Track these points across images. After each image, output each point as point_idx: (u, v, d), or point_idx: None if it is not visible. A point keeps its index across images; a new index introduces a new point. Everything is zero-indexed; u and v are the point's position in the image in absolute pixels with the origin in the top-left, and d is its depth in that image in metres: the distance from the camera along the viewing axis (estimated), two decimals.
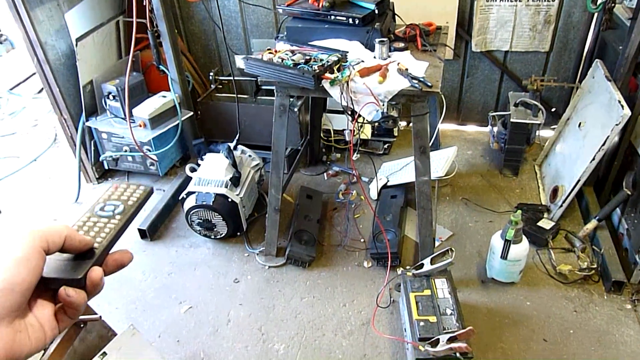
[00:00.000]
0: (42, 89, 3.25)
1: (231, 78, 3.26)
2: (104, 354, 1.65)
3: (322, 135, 3.38)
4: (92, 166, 3.30)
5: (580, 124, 2.79)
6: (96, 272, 0.55)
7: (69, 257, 0.56)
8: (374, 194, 3.00)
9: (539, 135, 3.26)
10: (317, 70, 1.97)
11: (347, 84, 1.99)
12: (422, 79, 1.97)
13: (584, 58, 3.17)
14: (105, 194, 0.67)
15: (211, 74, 3.40)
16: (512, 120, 2.93)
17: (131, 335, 1.76)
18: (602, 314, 2.28)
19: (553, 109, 3.39)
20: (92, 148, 3.23)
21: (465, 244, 2.69)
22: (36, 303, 0.52)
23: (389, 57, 2.20)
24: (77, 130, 3.10)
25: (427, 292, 2.12)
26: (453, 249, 2.14)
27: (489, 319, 2.28)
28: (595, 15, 2.95)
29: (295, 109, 3.05)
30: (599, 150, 2.44)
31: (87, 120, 3.06)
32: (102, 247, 0.58)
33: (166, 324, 2.36)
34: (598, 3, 2.68)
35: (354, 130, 2.22)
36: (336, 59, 2.05)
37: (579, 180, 2.56)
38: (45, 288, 0.52)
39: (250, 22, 3.50)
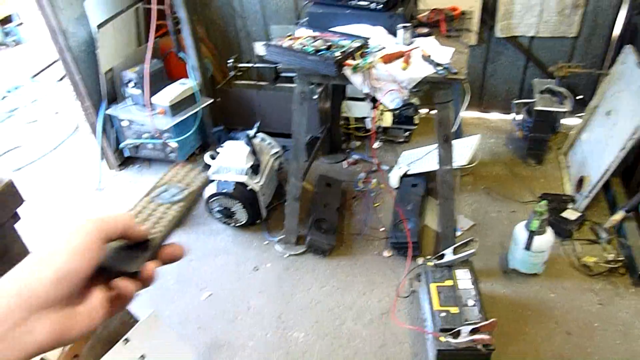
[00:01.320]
0: (64, 76, 3.28)
1: (250, 65, 3.24)
2: (127, 340, 1.67)
3: (341, 123, 3.34)
4: (113, 153, 3.32)
5: (608, 112, 2.70)
6: (151, 267, 0.54)
7: (125, 246, 0.55)
8: (394, 183, 2.96)
9: (565, 124, 3.18)
10: (339, 57, 1.93)
11: (370, 71, 1.95)
12: (446, 66, 1.92)
13: (613, 44, 3.07)
14: (168, 174, 0.65)
15: (230, 61, 3.39)
16: (537, 108, 2.86)
17: (153, 322, 1.77)
18: (628, 307, 2.22)
19: (579, 97, 3.29)
20: (113, 135, 3.25)
21: (487, 234, 2.65)
22: (89, 289, 0.52)
23: (412, 43, 2.15)
24: (98, 117, 3.12)
25: (449, 282, 2.09)
26: (476, 239, 2.11)
27: (511, 311, 2.24)
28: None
29: (315, 96, 3.02)
30: (629, 139, 2.37)
31: (107, 108, 3.07)
32: (159, 239, 0.57)
33: (187, 311, 2.38)
34: None
35: (375, 118, 2.18)
36: (358, 45, 2.01)
37: (607, 170, 2.49)
38: (99, 274, 0.52)
39: (270, 8, 3.46)
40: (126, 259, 0.54)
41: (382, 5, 2.17)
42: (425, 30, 2.23)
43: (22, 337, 0.44)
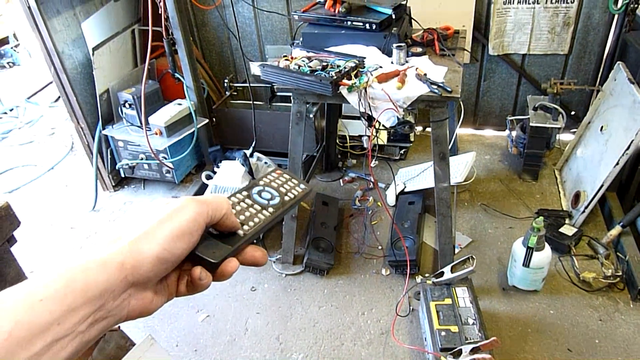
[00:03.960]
0: (59, 97, 3.28)
1: (246, 85, 3.26)
2: None
3: (337, 141, 3.35)
4: (108, 174, 3.31)
5: (602, 127, 2.73)
6: (232, 264, 0.54)
7: (213, 233, 0.54)
8: (391, 200, 2.96)
9: (559, 139, 3.20)
10: (335, 77, 1.94)
11: (365, 90, 1.96)
12: (441, 84, 1.94)
13: (604, 60, 3.11)
14: (267, 177, 0.64)
15: (226, 80, 3.40)
16: (531, 124, 2.88)
17: (149, 346, 1.74)
18: (628, 322, 2.21)
19: (572, 112, 3.33)
20: (109, 156, 3.24)
21: (485, 250, 2.64)
22: None
23: (407, 62, 2.17)
24: (93, 138, 3.11)
25: (448, 301, 2.08)
26: (474, 256, 2.10)
27: (511, 328, 2.23)
28: (616, 16, 2.90)
29: (311, 115, 3.03)
30: (623, 155, 2.39)
31: (103, 129, 3.07)
32: (246, 237, 0.55)
33: (183, 333, 2.34)
34: (620, 4, 2.62)
35: (372, 137, 2.19)
36: (353, 65, 2.03)
37: (602, 186, 2.50)
38: None
39: (265, 29, 3.50)
40: (211, 247, 0.53)
41: (376, 26, 2.20)
42: (419, 49, 2.25)
43: (116, 308, 0.46)
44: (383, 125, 2.05)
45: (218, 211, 0.52)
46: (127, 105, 2.97)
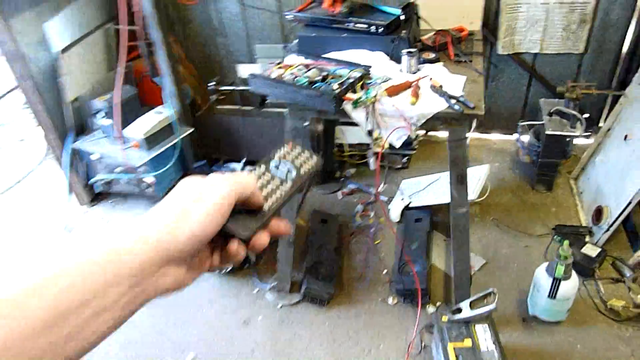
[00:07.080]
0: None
1: (233, 88, 2.96)
2: None
3: (335, 149, 3.08)
4: (84, 188, 3.01)
5: (626, 136, 2.49)
6: (263, 239, 0.56)
7: (241, 211, 0.55)
8: (395, 216, 2.70)
9: (575, 144, 2.96)
10: (338, 90, 1.67)
11: (373, 106, 1.70)
12: (461, 99, 1.67)
13: (621, 60, 2.88)
14: (280, 151, 0.64)
15: (212, 84, 3.10)
16: (547, 132, 2.63)
17: None
18: None
19: (586, 115, 3.09)
20: (83, 169, 2.94)
21: (501, 275, 2.40)
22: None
23: (419, 70, 1.90)
24: (64, 151, 2.80)
25: (468, 342, 1.83)
26: (496, 291, 1.85)
27: None
28: (637, 14, 2.65)
29: (307, 123, 2.75)
30: None
31: (75, 140, 2.76)
32: (271, 211, 0.57)
33: None
34: None
35: (380, 155, 1.92)
36: (359, 75, 1.76)
37: (629, 203, 2.27)
38: None
39: (253, 26, 3.19)
40: (240, 224, 0.54)
41: (383, 28, 1.92)
42: (431, 55, 1.98)
43: (151, 285, 0.48)
44: (394, 146, 1.79)
45: (246, 190, 0.54)
46: (100, 114, 2.67)
